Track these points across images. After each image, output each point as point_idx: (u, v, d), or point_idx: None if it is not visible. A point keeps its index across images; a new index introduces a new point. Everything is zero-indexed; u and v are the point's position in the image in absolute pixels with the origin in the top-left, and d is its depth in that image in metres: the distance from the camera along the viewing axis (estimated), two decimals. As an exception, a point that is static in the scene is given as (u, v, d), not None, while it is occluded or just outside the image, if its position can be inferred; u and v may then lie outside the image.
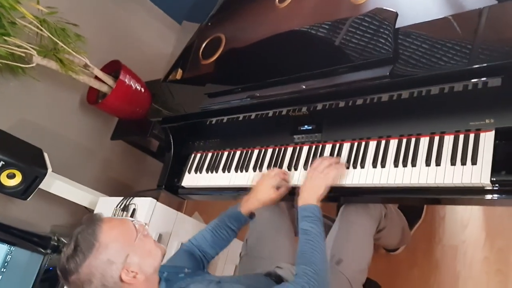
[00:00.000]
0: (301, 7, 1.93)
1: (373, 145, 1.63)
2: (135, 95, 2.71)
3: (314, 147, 1.77)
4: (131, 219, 1.41)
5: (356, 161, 1.63)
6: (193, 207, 3.30)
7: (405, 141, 1.56)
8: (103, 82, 2.65)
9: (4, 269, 2.21)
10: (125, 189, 3.12)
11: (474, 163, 1.37)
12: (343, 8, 1.77)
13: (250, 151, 1.96)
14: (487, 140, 1.38)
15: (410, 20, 1.54)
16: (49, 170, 2.27)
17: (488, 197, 1.36)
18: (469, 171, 1.37)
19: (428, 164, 1.46)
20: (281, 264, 1.65)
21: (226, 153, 2.03)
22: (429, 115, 1.51)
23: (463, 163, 1.39)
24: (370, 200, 1.69)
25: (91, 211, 2.56)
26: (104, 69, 2.71)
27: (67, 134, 2.83)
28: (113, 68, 2.75)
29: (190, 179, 2.11)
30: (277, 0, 2.02)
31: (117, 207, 2.33)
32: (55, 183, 2.39)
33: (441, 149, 1.46)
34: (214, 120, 2.04)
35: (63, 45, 2.33)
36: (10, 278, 2.23)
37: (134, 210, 2.25)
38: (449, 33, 1.44)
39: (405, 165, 1.51)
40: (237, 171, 1.94)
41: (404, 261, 2.29)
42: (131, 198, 2.35)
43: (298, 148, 1.81)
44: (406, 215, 2.13)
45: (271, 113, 1.85)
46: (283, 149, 1.86)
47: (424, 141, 1.51)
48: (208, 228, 1.74)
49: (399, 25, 1.54)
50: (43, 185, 2.30)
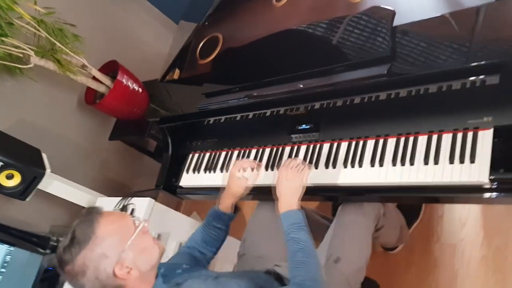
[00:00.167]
0: (298, 6, 1.93)
1: (371, 144, 1.62)
2: (133, 95, 2.71)
3: (311, 146, 1.77)
4: (132, 215, 1.41)
5: (354, 160, 1.62)
6: (191, 207, 3.30)
7: (403, 139, 1.56)
8: (101, 82, 2.65)
9: (3, 270, 2.21)
10: (123, 189, 3.12)
11: (472, 161, 1.37)
12: (340, 6, 1.76)
13: (247, 151, 1.95)
14: (486, 138, 1.38)
15: (407, 18, 1.53)
16: (48, 170, 2.27)
17: (486, 195, 1.36)
18: (468, 169, 1.37)
19: (426, 162, 1.46)
20: (279, 262, 1.65)
21: (224, 153, 2.03)
22: (427, 113, 1.51)
23: (462, 161, 1.39)
24: (368, 199, 1.69)
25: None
26: (101, 70, 2.71)
27: (65, 134, 2.83)
28: (111, 68, 2.75)
29: (188, 179, 2.11)
30: (274, -1, 2.03)
31: (115, 207, 2.32)
32: (53, 184, 2.38)
33: (439, 147, 1.46)
34: (211, 120, 2.03)
35: (60, 45, 2.33)
36: (9, 278, 2.23)
37: (132, 210, 2.25)
38: (447, 31, 1.44)
39: (403, 164, 1.51)
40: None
41: (402, 259, 2.28)
42: (130, 198, 2.35)
43: (296, 147, 1.81)
44: (404, 214, 2.13)
45: (268, 113, 1.85)
46: (280, 148, 1.85)
47: (422, 140, 1.51)
48: (197, 230, 1.76)
49: (396, 23, 1.54)
50: (42, 186, 2.29)
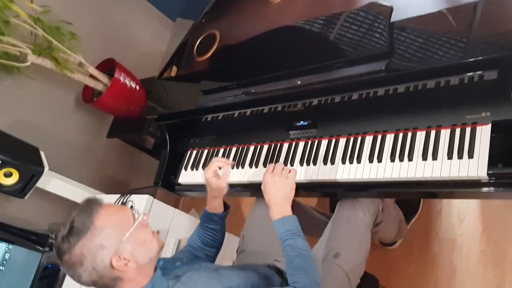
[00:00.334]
0: (295, 2, 1.93)
1: (369, 140, 1.62)
2: (130, 93, 2.71)
3: (310, 142, 1.77)
4: (133, 208, 1.41)
5: (352, 156, 1.62)
6: (190, 204, 3.30)
7: (401, 135, 1.56)
8: (98, 80, 2.64)
9: (2, 267, 2.21)
10: (121, 186, 3.12)
11: (471, 156, 1.37)
12: (337, 2, 1.76)
13: (246, 148, 1.95)
14: (484, 133, 1.38)
15: (405, 14, 1.53)
16: (46, 168, 2.27)
17: (485, 190, 1.37)
18: (466, 164, 1.37)
19: (424, 158, 1.46)
20: (278, 258, 1.65)
21: (222, 150, 2.03)
22: (425, 109, 1.51)
23: (460, 156, 1.39)
24: (367, 194, 1.69)
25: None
26: (99, 67, 2.71)
27: (63, 132, 2.83)
28: (108, 66, 2.74)
29: (186, 176, 2.11)
30: (271, -5, 2.02)
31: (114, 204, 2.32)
32: (52, 181, 2.38)
33: (437, 143, 1.46)
34: (209, 117, 2.03)
35: (57, 43, 2.33)
36: (8, 276, 2.24)
37: (131, 207, 2.25)
38: (444, 27, 1.44)
39: (401, 160, 1.51)
40: (233, 168, 1.93)
41: (401, 255, 2.29)
42: (128, 195, 2.35)
43: (294, 144, 1.81)
44: (402, 210, 2.14)
45: (266, 109, 1.85)
46: (279, 145, 1.85)
47: (420, 135, 1.51)
48: (194, 233, 1.76)
49: (394, 19, 1.54)
50: (40, 184, 2.29)
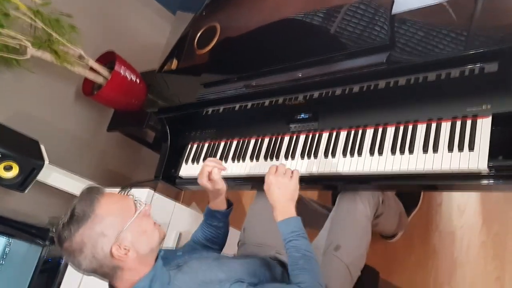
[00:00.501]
0: (296, -5, 1.92)
1: (370, 132, 1.63)
2: (131, 86, 2.71)
3: (310, 135, 1.77)
4: (135, 197, 1.41)
5: (353, 148, 1.63)
6: (190, 197, 3.30)
7: (402, 128, 1.56)
8: (98, 73, 2.64)
9: (3, 261, 2.22)
10: (122, 180, 3.13)
11: (471, 149, 1.38)
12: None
13: (247, 141, 1.95)
14: (484, 125, 1.38)
15: (406, 6, 1.52)
16: (46, 161, 2.27)
17: (485, 182, 1.37)
18: (467, 157, 1.38)
19: (425, 151, 1.47)
20: (280, 250, 1.66)
21: (223, 143, 2.03)
22: (426, 101, 1.51)
23: (461, 149, 1.40)
24: (367, 187, 1.69)
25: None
26: (99, 60, 2.70)
27: (63, 125, 2.83)
28: (108, 59, 2.74)
29: (187, 169, 2.11)
30: (272, -12, 2.01)
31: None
32: (52, 175, 2.38)
33: (438, 135, 1.46)
34: (210, 110, 2.03)
35: (57, 36, 2.32)
36: (9, 269, 2.25)
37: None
38: (445, 19, 1.44)
39: (402, 152, 1.51)
40: (234, 161, 1.94)
41: (401, 247, 2.30)
42: (129, 189, 2.34)
43: (294, 137, 1.81)
44: (403, 202, 2.14)
45: (267, 102, 1.85)
46: (279, 138, 1.86)
47: (421, 128, 1.51)
48: (198, 229, 1.76)
49: (395, 11, 1.54)
50: (40, 177, 2.29)
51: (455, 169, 1.39)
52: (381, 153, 1.56)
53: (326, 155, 1.68)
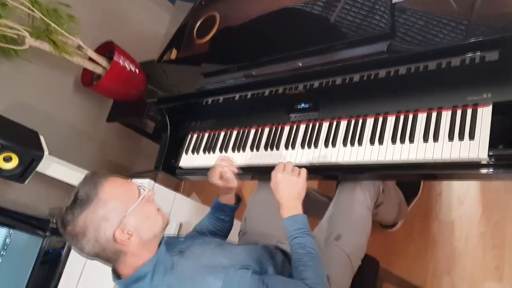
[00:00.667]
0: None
1: (370, 122, 1.62)
2: (130, 76, 2.70)
3: (311, 125, 1.77)
4: (138, 182, 1.41)
5: (353, 138, 1.63)
6: (190, 187, 3.31)
7: (402, 117, 1.56)
8: (97, 63, 2.63)
9: (3, 252, 2.22)
10: (121, 170, 3.13)
11: (471, 138, 1.38)
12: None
13: (247, 131, 1.95)
14: (485, 114, 1.38)
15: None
16: (46, 152, 2.26)
17: (485, 171, 1.37)
18: (467, 146, 1.38)
19: (426, 140, 1.47)
20: (281, 240, 1.66)
21: (223, 133, 2.03)
22: (426, 90, 1.51)
23: (461, 138, 1.40)
24: (368, 177, 1.70)
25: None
26: (97, 51, 2.69)
27: (62, 116, 2.83)
28: (107, 49, 2.73)
29: (187, 160, 2.11)
30: (272, -23, 2.00)
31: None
32: (52, 166, 2.38)
33: (438, 124, 1.46)
34: (210, 100, 2.03)
35: (55, 26, 2.31)
36: (10, 260, 2.25)
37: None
38: (446, 8, 1.43)
39: (402, 142, 1.51)
40: (234, 151, 1.94)
41: (401, 237, 2.31)
42: (129, 179, 2.35)
43: (295, 126, 1.81)
44: (403, 192, 2.15)
45: (267, 92, 1.84)
46: (280, 128, 1.85)
47: (421, 117, 1.51)
48: (203, 220, 1.76)
49: (395, 0, 1.53)
50: (40, 168, 2.29)
51: (455, 158, 1.39)
52: (381, 142, 1.56)
53: (326, 145, 1.68)
